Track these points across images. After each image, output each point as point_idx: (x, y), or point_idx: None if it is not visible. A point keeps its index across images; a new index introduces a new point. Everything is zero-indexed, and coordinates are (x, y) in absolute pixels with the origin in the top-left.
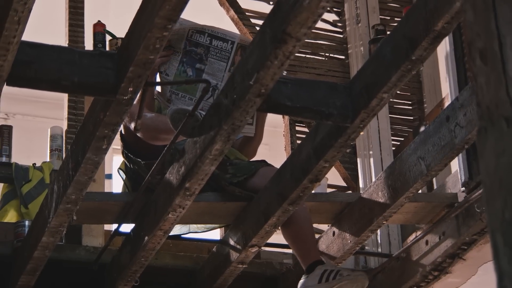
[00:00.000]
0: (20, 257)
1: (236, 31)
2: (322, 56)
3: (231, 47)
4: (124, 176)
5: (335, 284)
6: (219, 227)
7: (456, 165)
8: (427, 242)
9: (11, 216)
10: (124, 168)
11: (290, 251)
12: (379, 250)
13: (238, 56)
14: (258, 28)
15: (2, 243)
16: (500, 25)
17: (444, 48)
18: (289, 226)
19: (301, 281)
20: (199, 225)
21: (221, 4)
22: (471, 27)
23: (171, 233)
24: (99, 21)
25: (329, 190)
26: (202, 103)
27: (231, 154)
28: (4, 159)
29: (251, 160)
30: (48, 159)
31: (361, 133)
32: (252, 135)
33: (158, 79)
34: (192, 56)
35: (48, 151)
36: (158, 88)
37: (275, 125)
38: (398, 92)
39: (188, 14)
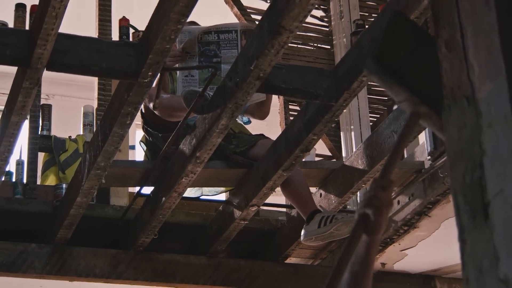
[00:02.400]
0: (58, 214)
1: None
2: (311, 46)
3: (236, 35)
4: (144, 147)
5: (332, 226)
6: (226, 191)
7: (423, 137)
8: (398, 202)
9: (51, 180)
10: (145, 141)
11: (284, 209)
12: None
13: (244, 40)
14: (257, 22)
15: (44, 203)
16: (462, 19)
17: None
18: (288, 186)
19: (303, 230)
20: (210, 189)
21: (226, 2)
22: (438, 20)
23: (187, 195)
24: (124, 16)
25: (317, 158)
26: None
27: (236, 128)
28: (45, 133)
29: (252, 134)
30: (81, 133)
31: (344, 111)
32: (264, 99)
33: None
34: (207, 54)
35: (82, 126)
36: None
37: (272, 104)
38: None
39: (198, 11)
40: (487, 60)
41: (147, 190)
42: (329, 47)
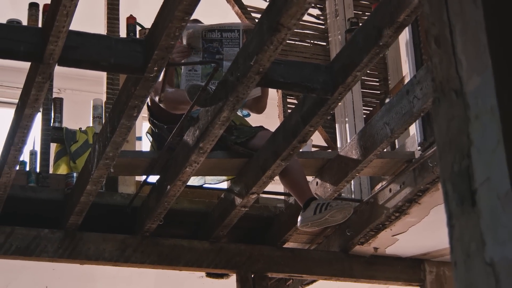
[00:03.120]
0: (70, 202)
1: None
2: (308, 43)
3: (238, 34)
4: (150, 138)
5: (327, 213)
6: (227, 180)
7: (413, 129)
8: (390, 190)
9: (62, 169)
10: (151, 132)
11: (282, 197)
12: (353, 196)
13: (246, 39)
14: (257, 20)
15: (56, 190)
16: (451, 16)
17: (404, 36)
18: (286, 175)
19: (300, 216)
20: (212, 178)
21: (228, 1)
22: (428, 18)
23: (191, 184)
24: (131, 15)
25: (313, 149)
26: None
27: (237, 120)
28: (56, 124)
29: (252, 126)
30: (91, 124)
31: (339, 104)
32: (259, 94)
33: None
34: (210, 50)
35: (91, 118)
36: None
37: (271, 97)
38: (368, 71)
39: (200, 10)
40: (475, 55)
41: (153, 178)
42: (325, 43)
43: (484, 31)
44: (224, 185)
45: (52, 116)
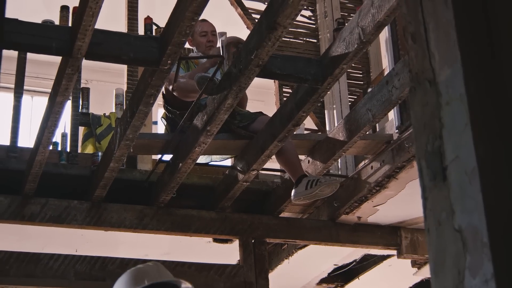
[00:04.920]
0: (95, 177)
1: (240, 24)
2: (301, 40)
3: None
4: (165, 122)
5: (317, 188)
6: (230, 158)
7: (392, 114)
8: (372, 167)
9: (89, 149)
10: (165, 117)
11: (278, 173)
12: (339, 172)
13: (233, 48)
14: (257, 20)
15: (83, 167)
16: (425, 16)
17: (384, 34)
18: (281, 155)
19: (293, 191)
20: (218, 156)
21: (231, 4)
22: (405, 17)
23: (199, 161)
24: (148, 16)
25: (305, 132)
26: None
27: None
28: (84, 110)
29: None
30: (113, 110)
31: (328, 93)
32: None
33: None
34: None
35: (114, 105)
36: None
37: (269, 87)
38: (352, 64)
39: (207, 11)
40: (446, 49)
41: (167, 157)
42: (315, 40)
43: (454, 28)
44: (228, 162)
45: (80, 103)
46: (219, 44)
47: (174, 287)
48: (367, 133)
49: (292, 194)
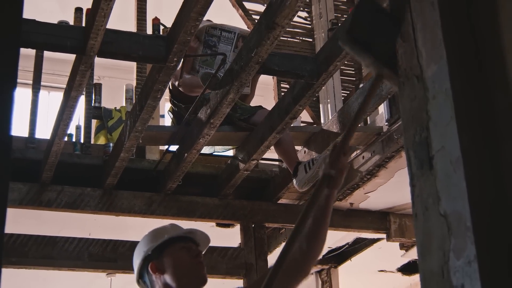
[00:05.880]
0: (107, 166)
1: (241, 25)
2: (297, 39)
3: (233, 36)
4: (171, 115)
5: (316, 167)
6: (232, 149)
7: (382, 108)
8: (363, 157)
9: (101, 140)
10: (172, 110)
11: (277, 163)
12: None
13: (241, 42)
14: (256, 20)
15: (96, 157)
16: (413, 16)
17: None
18: (279, 145)
19: (294, 181)
20: (220, 147)
21: (233, 5)
22: None
23: (203, 152)
24: (156, 16)
25: (302, 124)
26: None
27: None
28: (96, 104)
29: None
30: (124, 104)
31: (323, 88)
32: (248, 92)
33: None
34: (209, 43)
35: (124, 99)
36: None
37: (268, 83)
38: (346, 62)
39: (211, 12)
40: (432, 47)
41: (174, 148)
42: (311, 40)
43: (440, 28)
44: (230, 153)
45: (93, 98)
46: (231, 36)
47: (192, 241)
48: (359, 125)
49: (295, 183)
